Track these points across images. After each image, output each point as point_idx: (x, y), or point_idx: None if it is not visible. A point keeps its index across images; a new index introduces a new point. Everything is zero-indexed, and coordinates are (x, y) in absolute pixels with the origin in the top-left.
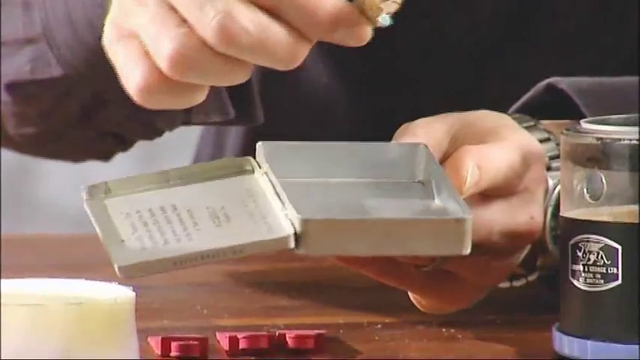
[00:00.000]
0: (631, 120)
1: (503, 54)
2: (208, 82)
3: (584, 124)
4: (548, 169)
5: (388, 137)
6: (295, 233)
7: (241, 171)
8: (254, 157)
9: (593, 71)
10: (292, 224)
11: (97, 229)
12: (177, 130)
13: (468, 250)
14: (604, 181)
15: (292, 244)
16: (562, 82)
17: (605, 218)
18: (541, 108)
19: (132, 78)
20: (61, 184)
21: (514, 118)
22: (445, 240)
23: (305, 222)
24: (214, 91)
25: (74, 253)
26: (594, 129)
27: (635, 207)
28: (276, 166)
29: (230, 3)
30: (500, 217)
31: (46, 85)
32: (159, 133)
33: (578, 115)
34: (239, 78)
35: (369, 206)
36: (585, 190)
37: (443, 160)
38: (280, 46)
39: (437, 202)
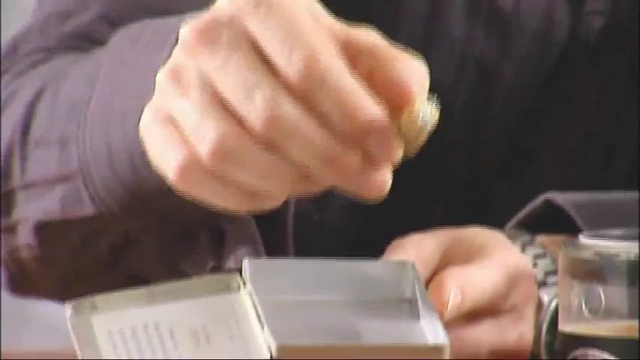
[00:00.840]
0: (629, 235)
1: (502, 175)
2: (248, 176)
3: (583, 239)
4: (544, 284)
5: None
6: (272, 358)
7: (227, 288)
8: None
9: (591, 184)
10: (269, 349)
11: (77, 348)
12: None
13: None
14: (602, 295)
15: None
16: (559, 197)
17: (604, 333)
18: (539, 222)
19: (172, 159)
20: None
21: (510, 234)
22: None
23: (281, 348)
24: (250, 238)
25: None
26: (592, 243)
27: (634, 322)
28: (261, 284)
29: (277, 90)
30: (488, 335)
31: (75, 225)
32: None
33: (575, 230)
34: (280, 178)
35: (352, 327)
36: (584, 305)
37: (432, 276)
38: (315, 139)
39: (422, 322)
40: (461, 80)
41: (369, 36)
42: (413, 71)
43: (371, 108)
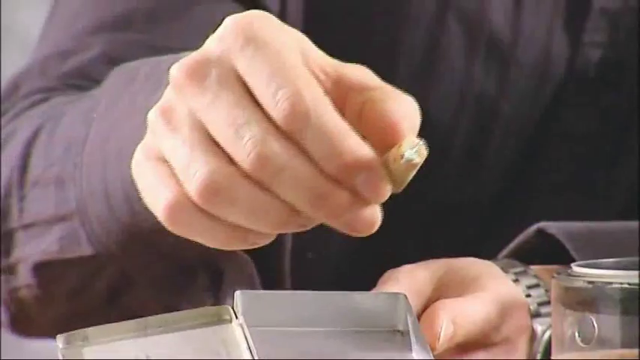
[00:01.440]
0: (622, 263)
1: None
2: (238, 214)
3: (575, 268)
4: (538, 315)
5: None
6: None
7: (219, 320)
8: None
9: (590, 215)
10: None
11: None
12: None
13: None
14: (595, 324)
15: None
16: (552, 226)
17: None
18: (531, 252)
19: (161, 197)
20: None
21: (503, 264)
22: None
23: None
24: (247, 278)
25: None
26: (585, 272)
27: (626, 351)
28: (253, 316)
29: (265, 129)
30: None
31: (74, 264)
32: None
33: (568, 260)
34: (270, 216)
35: (344, 359)
36: (577, 334)
37: (426, 307)
38: (303, 178)
39: (413, 354)
40: (461, 115)
41: (361, 73)
42: (403, 109)
43: (358, 146)
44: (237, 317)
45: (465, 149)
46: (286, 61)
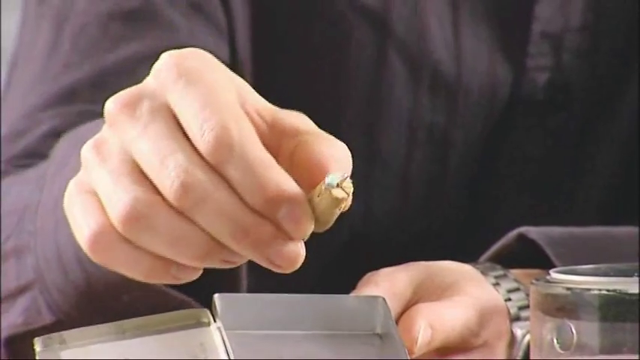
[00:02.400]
0: (601, 270)
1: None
2: (160, 243)
3: (554, 274)
4: (518, 319)
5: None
6: None
7: (197, 323)
8: None
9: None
10: None
11: None
12: None
13: None
14: (574, 331)
15: None
16: (532, 231)
17: None
18: (512, 257)
19: (85, 226)
20: None
21: (483, 267)
22: None
23: None
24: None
25: None
26: (564, 279)
27: (606, 357)
28: (231, 319)
29: (190, 159)
30: None
31: (39, 334)
32: None
33: (548, 265)
34: (192, 246)
35: None
36: (555, 341)
37: (405, 310)
38: (226, 209)
39: (392, 358)
40: (413, 148)
41: (296, 119)
42: (333, 152)
43: (282, 179)
44: (215, 320)
45: (422, 181)
46: (216, 96)
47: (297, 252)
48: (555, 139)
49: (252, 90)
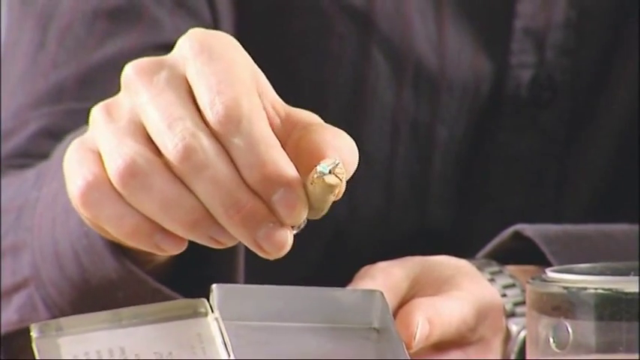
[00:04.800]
0: (597, 269)
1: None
2: (151, 202)
3: (550, 273)
4: (513, 315)
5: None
6: None
7: (195, 313)
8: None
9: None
10: None
11: None
12: None
13: None
14: (570, 330)
15: None
16: (528, 229)
17: None
18: (507, 254)
19: (80, 176)
20: None
21: (479, 263)
22: None
23: None
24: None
25: None
26: (560, 278)
27: (601, 356)
28: (229, 310)
29: (197, 126)
30: None
31: None
32: None
33: (544, 262)
34: (182, 212)
35: (319, 356)
36: (551, 340)
37: (401, 305)
38: (223, 180)
39: (388, 353)
40: (397, 144)
41: (308, 115)
42: (337, 141)
43: (281, 161)
44: (212, 311)
45: (406, 178)
46: (233, 73)
47: (286, 239)
48: (541, 137)
49: (269, 85)
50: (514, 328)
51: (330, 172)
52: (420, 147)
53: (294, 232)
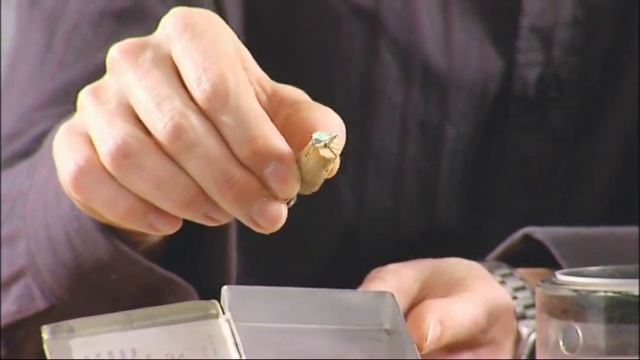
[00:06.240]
0: (607, 272)
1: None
2: (144, 183)
3: (560, 276)
4: (523, 317)
5: None
6: None
7: (206, 315)
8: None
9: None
10: None
11: None
12: None
13: None
14: (580, 332)
15: None
16: (538, 232)
17: None
18: (518, 257)
19: (71, 161)
20: None
21: (489, 266)
22: None
23: None
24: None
25: None
26: (569, 281)
27: (610, 358)
28: (239, 312)
29: (186, 104)
30: None
31: (33, 321)
32: None
33: (554, 265)
34: (176, 191)
35: (329, 357)
36: (561, 342)
37: (412, 306)
38: (214, 157)
39: (400, 354)
40: (406, 143)
41: (294, 91)
42: (326, 119)
43: (272, 135)
44: (223, 312)
45: (415, 177)
46: (218, 50)
47: (280, 212)
48: (549, 136)
49: (254, 61)
50: (524, 331)
51: (325, 147)
52: (428, 146)
53: (289, 206)
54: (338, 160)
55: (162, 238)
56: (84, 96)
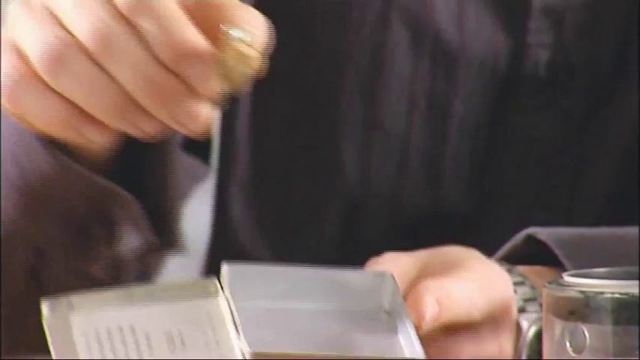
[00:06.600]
0: (614, 273)
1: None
2: (77, 90)
3: (567, 277)
4: (523, 310)
5: None
6: None
7: (205, 293)
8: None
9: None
10: (243, 355)
11: (51, 347)
12: None
13: None
14: (587, 334)
15: None
16: (542, 232)
17: None
18: (521, 258)
19: (6, 74)
20: None
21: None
22: None
23: (255, 355)
24: (135, 219)
25: None
26: (577, 282)
27: None
28: (238, 290)
29: (108, 11)
30: (467, 347)
31: None
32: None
33: (558, 266)
34: (107, 97)
35: (329, 337)
36: (568, 344)
37: (410, 289)
38: (138, 61)
39: (399, 335)
40: (413, 116)
41: None
42: (238, 13)
43: (192, 36)
44: (223, 290)
45: (421, 153)
46: None
47: (207, 112)
48: (559, 118)
49: None
50: (524, 324)
51: (248, 45)
52: (436, 121)
53: (219, 109)
54: (261, 58)
55: (107, 160)
56: (13, 10)
